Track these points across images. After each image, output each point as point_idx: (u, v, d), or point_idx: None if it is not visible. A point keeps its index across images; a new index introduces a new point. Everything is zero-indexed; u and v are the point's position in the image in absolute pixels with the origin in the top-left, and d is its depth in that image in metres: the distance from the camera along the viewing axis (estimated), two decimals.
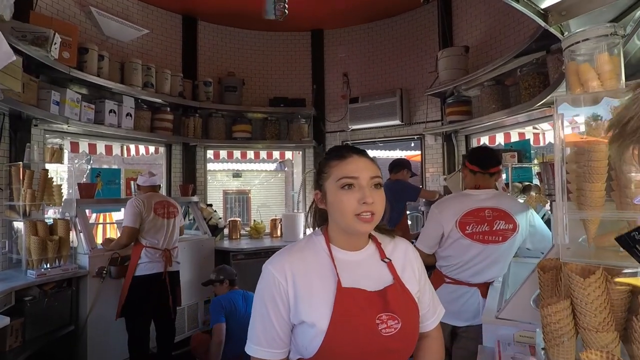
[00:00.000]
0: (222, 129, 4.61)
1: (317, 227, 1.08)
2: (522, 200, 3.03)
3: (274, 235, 4.78)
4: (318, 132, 4.92)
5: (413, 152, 8.73)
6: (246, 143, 4.72)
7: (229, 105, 4.57)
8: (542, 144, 3.94)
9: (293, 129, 4.78)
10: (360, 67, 4.89)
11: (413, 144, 5.03)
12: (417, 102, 4.49)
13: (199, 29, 4.70)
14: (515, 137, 3.88)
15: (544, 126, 3.73)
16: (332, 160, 0.98)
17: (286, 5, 2.92)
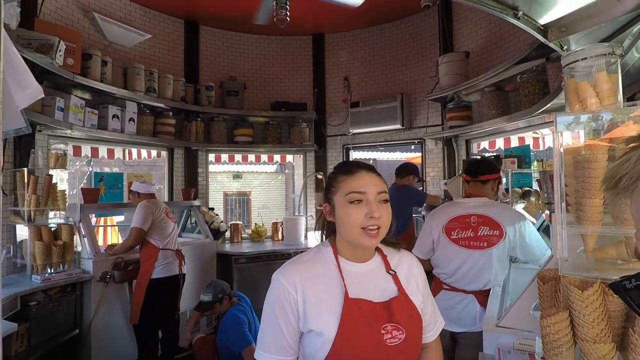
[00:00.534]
0: (223, 133, 4.64)
1: (326, 238, 1.11)
2: (522, 205, 3.06)
3: (275, 239, 4.81)
4: (319, 136, 4.95)
5: (414, 154, 8.76)
6: (248, 147, 4.75)
7: (230, 109, 4.60)
8: (541, 148, 3.96)
9: (294, 132, 4.81)
10: (361, 72, 4.93)
11: (413, 147, 5.06)
12: (418, 107, 4.52)
13: (200, 34, 4.73)
14: (515, 142, 3.91)
15: (544, 131, 3.76)
16: (340, 175, 1.02)
17: (287, 13, 2.95)
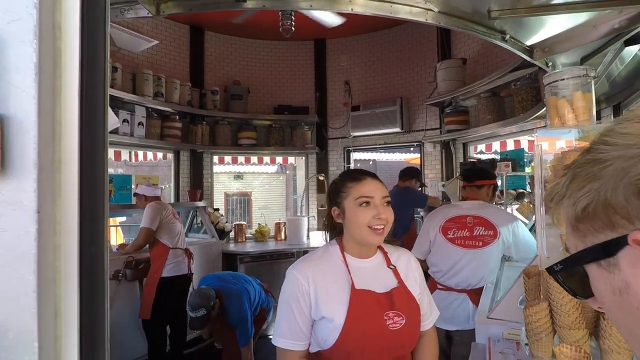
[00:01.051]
0: (228, 135, 4.78)
1: (330, 239, 1.26)
2: (515, 206, 3.20)
3: (278, 239, 4.94)
4: (321, 139, 5.09)
5: (412, 155, 8.90)
6: (251, 149, 4.89)
7: (235, 113, 4.73)
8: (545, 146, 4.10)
9: (297, 135, 4.95)
10: (362, 76, 5.06)
11: (412, 148, 5.20)
12: (417, 111, 4.66)
13: (205, 39, 4.86)
14: (511, 145, 4.05)
15: None
16: (349, 182, 1.17)
17: (293, 22, 3.09)
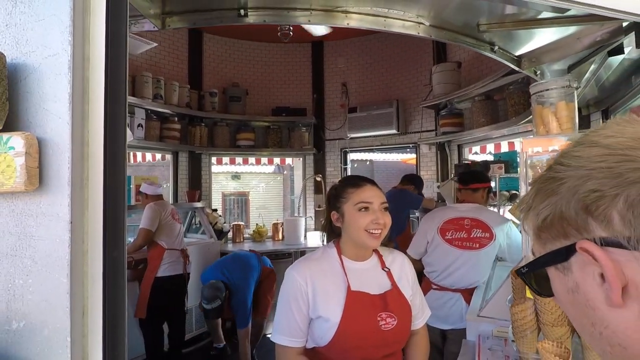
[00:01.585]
0: (226, 137, 4.83)
1: (328, 241, 1.32)
2: (508, 207, 3.28)
3: (275, 239, 5.00)
4: (318, 140, 5.15)
5: (409, 156, 9.00)
6: (250, 150, 4.94)
7: (233, 114, 4.79)
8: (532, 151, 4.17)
9: (294, 137, 5.01)
10: (359, 78, 5.13)
11: (408, 150, 5.28)
12: (413, 113, 4.73)
13: (204, 41, 4.91)
14: (505, 147, 4.12)
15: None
16: (349, 188, 1.23)
17: (291, 27, 3.15)
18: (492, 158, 3.98)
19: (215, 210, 4.79)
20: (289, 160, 5.51)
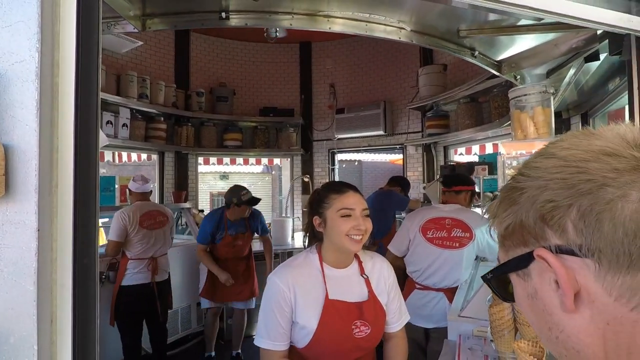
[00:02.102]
0: (213, 137, 4.80)
1: (309, 245, 1.35)
2: None
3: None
4: (306, 141, 5.16)
5: (397, 156, 9.08)
6: (237, 151, 4.92)
7: (220, 114, 4.76)
8: (514, 153, 4.25)
9: (282, 137, 5.00)
10: (347, 79, 5.15)
11: (395, 151, 5.33)
12: (400, 114, 4.77)
13: (191, 41, 4.87)
14: (490, 149, 4.18)
15: None
16: (332, 194, 1.25)
17: (277, 29, 3.14)
18: (477, 159, 4.04)
19: (202, 211, 4.76)
20: (277, 161, 5.50)
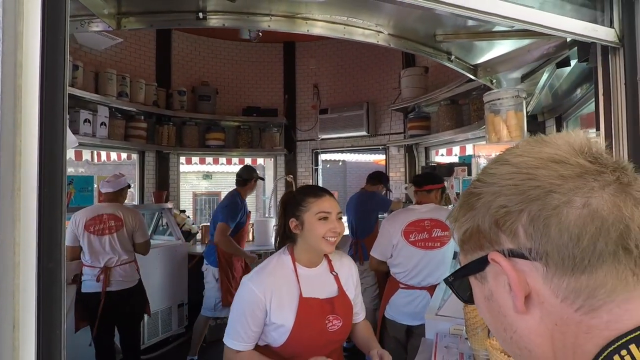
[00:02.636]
0: (195, 137, 4.74)
1: (282, 246, 1.39)
2: None
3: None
4: (289, 141, 5.15)
5: (381, 157, 9.18)
6: (219, 151, 4.87)
7: (202, 114, 4.70)
8: (493, 155, 4.35)
9: (265, 137, 4.98)
10: (330, 80, 5.17)
11: (378, 152, 5.38)
12: (382, 115, 4.81)
13: (173, 39, 4.80)
14: (470, 150, 4.27)
15: None
16: (310, 197, 1.30)
17: (260, 31, 3.13)
18: (458, 160, 4.12)
19: (184, 211, 4.70)
20: (260, 161, 5.47)
